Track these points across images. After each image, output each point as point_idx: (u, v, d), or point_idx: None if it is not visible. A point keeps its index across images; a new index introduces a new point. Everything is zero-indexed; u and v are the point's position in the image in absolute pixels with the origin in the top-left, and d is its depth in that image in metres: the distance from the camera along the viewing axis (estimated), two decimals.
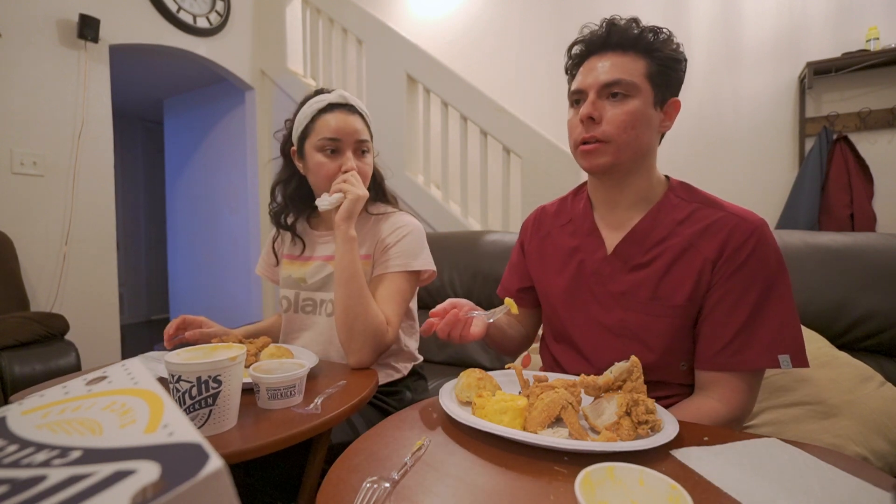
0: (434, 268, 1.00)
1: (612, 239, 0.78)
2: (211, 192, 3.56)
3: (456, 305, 0.73)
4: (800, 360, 0.66)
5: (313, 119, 0.96)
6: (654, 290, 0.72)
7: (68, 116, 2.12)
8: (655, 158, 0.78)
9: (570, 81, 0.79)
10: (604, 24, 0.74)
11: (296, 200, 1.06)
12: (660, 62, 0.72)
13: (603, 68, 0.72)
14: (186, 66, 3.02)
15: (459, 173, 2.38)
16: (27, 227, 1.99)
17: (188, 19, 2.60)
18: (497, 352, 0.95)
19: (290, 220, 1.07)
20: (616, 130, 0.71)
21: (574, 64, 0.79)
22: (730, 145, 2.46)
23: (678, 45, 0.74)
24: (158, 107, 4.02)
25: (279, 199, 1.08)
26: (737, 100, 2.45)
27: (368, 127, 1.00)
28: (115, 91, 2.42)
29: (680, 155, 2.51)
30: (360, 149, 0.97)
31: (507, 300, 0.74)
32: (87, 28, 2.12)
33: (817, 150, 2.22)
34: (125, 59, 2.74)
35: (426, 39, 2.98)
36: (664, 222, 0.74)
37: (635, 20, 0.73)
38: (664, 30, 0.73)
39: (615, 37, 0.72)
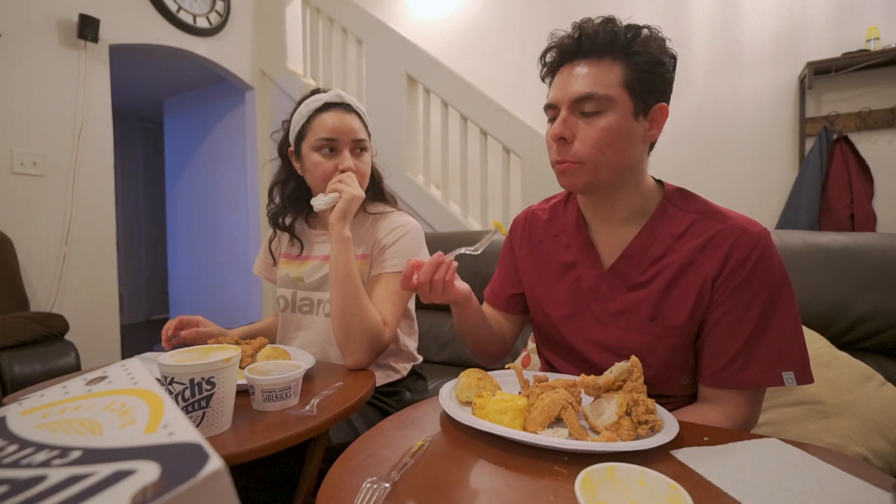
0: None
1: (608, 255, 0.75)
2: (211, 192, 3.56)
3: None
4: (804, 376, 0.64)
5: (310, 119, 0.95)
6: (653, 310, 0.69)
7: (68, 116, 2.12)
8: (645, 169, 0.73)
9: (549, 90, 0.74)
10: (575, 29, 0.68)
11: (294, 201, 1.06)
12: (639, 67, 0.65)
13: (575, 80, 0.66)
14: (186, 66, 3.02)
15: (459, 173, 2.38)
16: (27, 227, 1.99)
17: (188, 19, 2.60)
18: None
19: (287, 221, 1.07)
20: (590, 151, 0.66)
21: (548, 71, 0.73)
22: (730, 145, 2.46)
23: (663, 41, 0.67)
24: (158, 107, 4.02)
25: (277, 200, 1.08)
26: (737, 100, 2.44)
27: (366, 126, 1.00)
28: (115, 91, 2.42)
29: (680, 155, 2.51)
30: (358, 147, 0.97)
31: (495, 222, 0.71)
32: (87, 28, 2.12)
33: (817, 150, 2.22)
34: (125, 59, 2.73)
35: (426, 39, 2.98)
36: (661, 237, 0.70)
37: (610, 20, 0.66)
38: (644, 28, 0.66)
39: (587, 42, 0.66)
